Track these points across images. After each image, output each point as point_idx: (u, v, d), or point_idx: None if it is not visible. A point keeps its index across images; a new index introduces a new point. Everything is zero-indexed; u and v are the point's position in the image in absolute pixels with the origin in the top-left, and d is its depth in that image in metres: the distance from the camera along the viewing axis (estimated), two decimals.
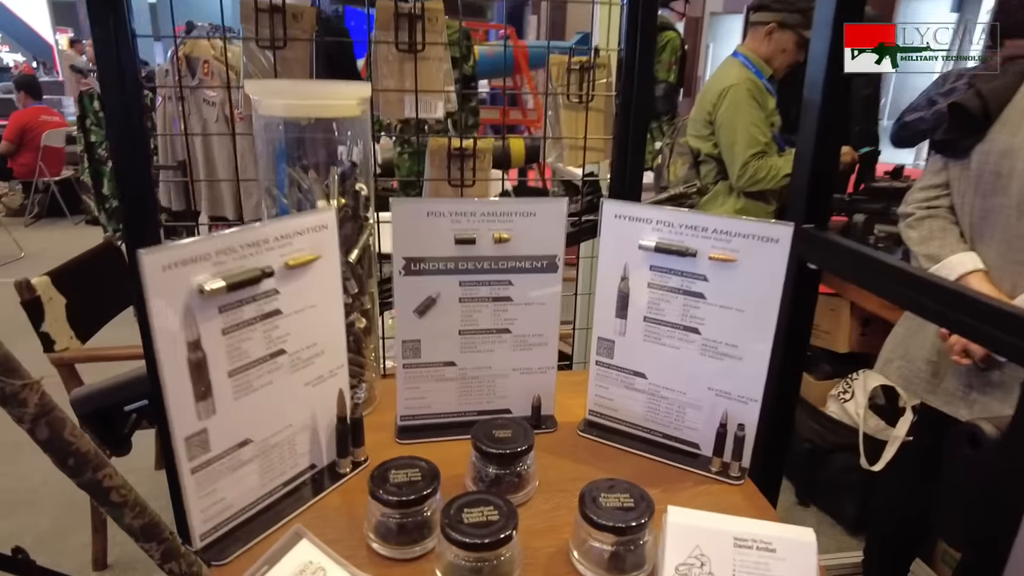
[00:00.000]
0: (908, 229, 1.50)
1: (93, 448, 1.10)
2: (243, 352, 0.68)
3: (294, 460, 0.76)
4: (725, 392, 0.80)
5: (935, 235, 1.43)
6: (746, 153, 2.22)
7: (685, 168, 2.52)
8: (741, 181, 2.26)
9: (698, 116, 2.42)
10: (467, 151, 1.20)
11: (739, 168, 2.24)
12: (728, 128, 2.26)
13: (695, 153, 2.46)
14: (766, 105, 2.29)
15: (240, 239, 0.65)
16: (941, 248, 1.41)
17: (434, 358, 0.86)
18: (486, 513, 0.62)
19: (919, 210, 1.48)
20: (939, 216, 1.45)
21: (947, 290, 0.72)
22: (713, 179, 2.42)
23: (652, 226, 0.80)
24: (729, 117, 2.26)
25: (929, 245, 1.43)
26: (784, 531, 0.61)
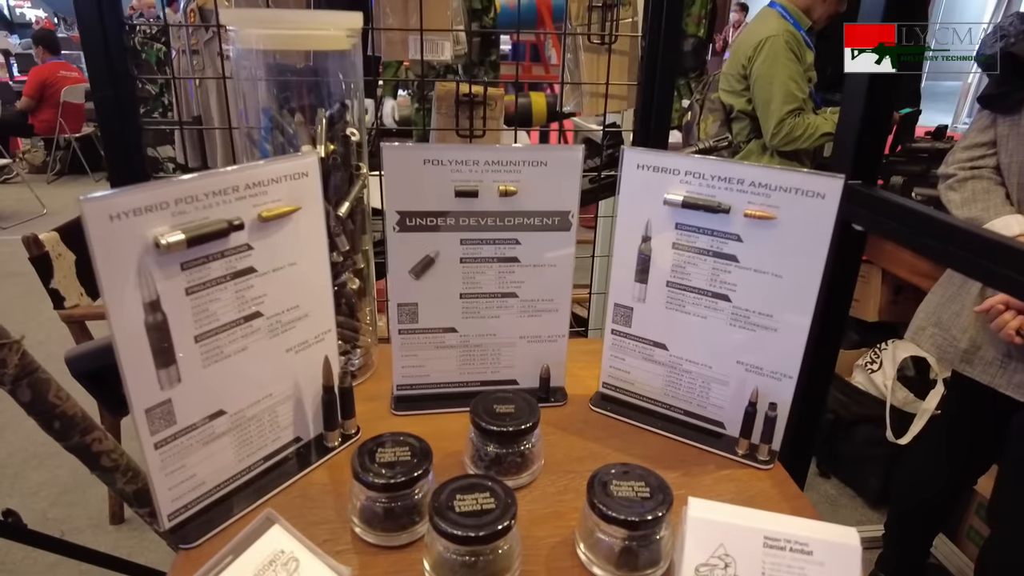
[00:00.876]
0: (948, 191, 1.38)
1: (81, 411, 1.05)
2: (211, 315, 0.60)
3: (276, 433, 0.69)
4: (756, 367, 0.72)
5: (978, 197, 1.31)
6: (782, 110, 2.08)
7: (716, 125, 2.39)
8: (776, 140, 2.13)
9: (731, 70, 2.28)
10: (477, 98, 1.10)
11: (774, 125, 2.11)
12: (764, 83, 2.13)
13: (727, 109, 2.33)
14: (804, 59, 2.14)
15: (203, 186, 0.57)
16: (984, 211, 1.29)
17: (433, 323, 0.78)
18: (481, 500, 0.55)
19: (961, 171, 1.36)
20: (983, 177, 1.32)
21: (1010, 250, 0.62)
22: (746, 137, 2.30)
23: (680, 178, 0.70)
24: (765, 71, 2.12)
25: (971, 207, 1.31)
26: (823, 531, 0.53)
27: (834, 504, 2.28)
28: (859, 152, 0.81)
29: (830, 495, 2.32)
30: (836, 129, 0.83)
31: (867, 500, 2.27)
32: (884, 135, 0.81)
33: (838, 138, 0.84)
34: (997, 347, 1.31)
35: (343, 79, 0.76)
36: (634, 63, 1.14)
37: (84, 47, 0.91)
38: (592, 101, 1.14)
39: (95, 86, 0.91)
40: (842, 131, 0.83)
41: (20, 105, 5.45)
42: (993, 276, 0.62)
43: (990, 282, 0.64)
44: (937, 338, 1.46)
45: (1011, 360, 1.30)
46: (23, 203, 5.19)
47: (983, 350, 1.35)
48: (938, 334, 1.46)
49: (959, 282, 1.40)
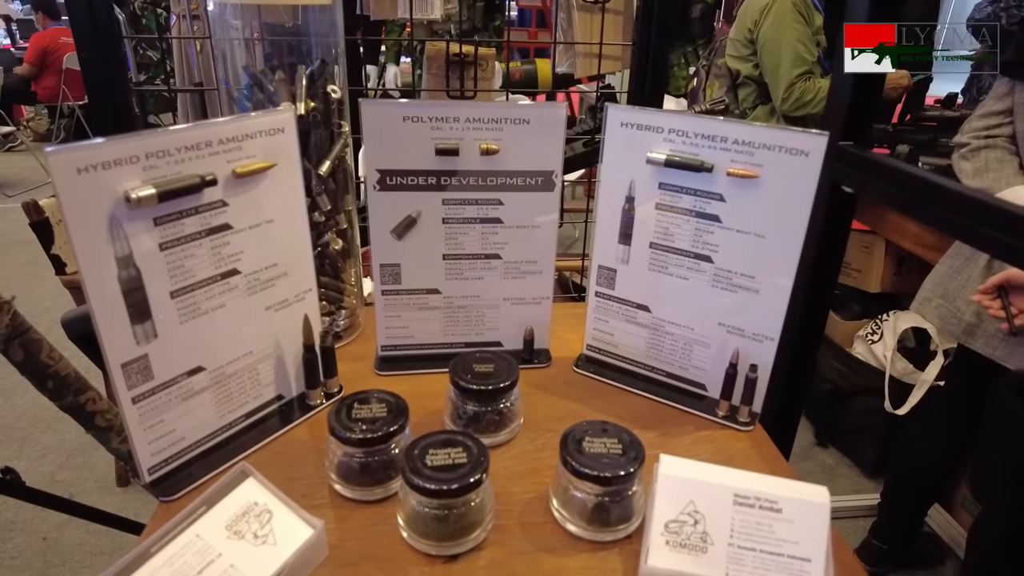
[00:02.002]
0: (961, 160, 1.35)
1: (74, 371, 1.06)
2: (187, 271, 0.60)
3: (257, 390, 0.70)
4: (738, 329, 0.71)
5: (991, 167, 1.28)
6: (792, 73, 2.03)
7: (723, 91, 2.35)
8: (786, 105, 2.08)
9: (738, 34, 2.23)
10: (468, 58, 1.08)
11: (783, 90, 2.06)
12: (772, 46, 2.08)
13: (734, 75, 2.28)
14: (812, 21, 2.09)
15: (175, 140, 0.56)
16: (996, 181, 1.26)
17: (416, 284, 0.78)
18: (453, 455, 0.55)
19: (975, 139, 1.32)
20: (997, 146, 1.29)
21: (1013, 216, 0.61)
22: (752, 103, 2.25)
23: (663, 136, 0.69)
24: (773, 34, 2.07)
25: (983, 178, 1.28)
26: (794, 489, 0.53)
27: (831, 473, 2.29)
28: (851, 113, 0.79)
29: (827, 464, 2.34)
30: (828, 90, 0.81)
31: (864, 470, 2.29)
32: (877, 95, 0.79)
33: (830, 95, 0.82)
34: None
35: (324, 36, 0.75)
36: (629, 23, 1.11)
37: (68, 5, 0.89)
38: (586, 62, 1.12)
39: (80, 46, 0.90)
40: (834, 91, 0.81)
41: (21, 72, 5.41)
42: (981, 238, 0.61)
43: (978, 244, 0.63)
44: (942, 310, 1.44)
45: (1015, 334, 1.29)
46: (28, 171, 5.21)
47: (987, 323, 1.33)
48: (943, 305, 1.44)
49: (967, 254, 1.38)
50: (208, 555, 0.50)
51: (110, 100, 0.93)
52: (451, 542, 0.55)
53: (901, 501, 1.83)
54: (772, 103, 2.21)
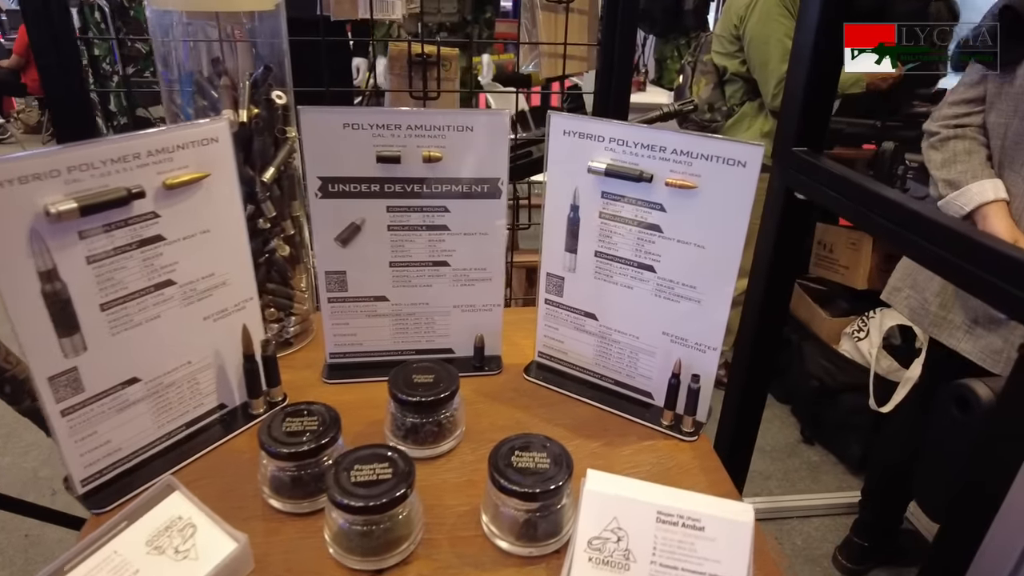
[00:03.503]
0: (931, 150, 1.33)
1: None
2: (118, 283, 0.60)
3: (198, 400, 0.70)
4: (681, 338, 0.71)
5: (959, 158, 1.27)
6: (781, 69, 2.01)
7: (709, 88, 2.32)
8: (777, 101, 2.06)
9: (723, 31, 2.21)
10: (430, 58, 1.07)
11: (774, 86, 2.04)
12: (759, 42, 2.05)
13: (720, 71, 2.26)
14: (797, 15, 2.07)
15: (100, 153, 0.56)
16: (963, 174, 1.25)
17: (363, 292, 0.77)
18: (378, 471, 0.55)
19: (945, 128, 1.31)
20: (966, 136, 1.28)
21: (952, 233, 0.60)
22: (740, 99, 2.23)
23: (604, 144, 0.68)
24: (760, 30, 2.04)
25: (951, 169, 1.27)
26: (717, 507, 0.53)
27: (816, 470, 2.29)
28: (805, 117, 0.78)
29: (812, 461, 2.33)
30: (783, 94, 0.80)
31: (849, 467, 2.28)
32: (831, 99, 0.78)
33: (784, 98, 0.81)
34: (966, 312, 1.29)
35: (268, 41, 0.74)
36: (594, 22, 1.10)
37: (23, 10, 0.89)
38: (551, 62, 1.11)
39: (37, 53, 0.89)
40: (788, 95, 0.80)
41: (9, 64, 5.37)
42: (925, 254, 0.60)
43: (918, 257, 0.62)
44: (911, 300, 1.44)
45: (976, 326, 1.29)
46: None
47: (952, 314, 1.33)
48: (912, 296, 1.43)
49: None
50: (125, 572, 0.50)
51: (71, 106, 0.92)
52: (376, 557, 0.55)
53: (881, 498, 1.83)
54: (759, 99, 2.19)
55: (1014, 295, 0.52)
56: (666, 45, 3.86)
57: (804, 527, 2.05)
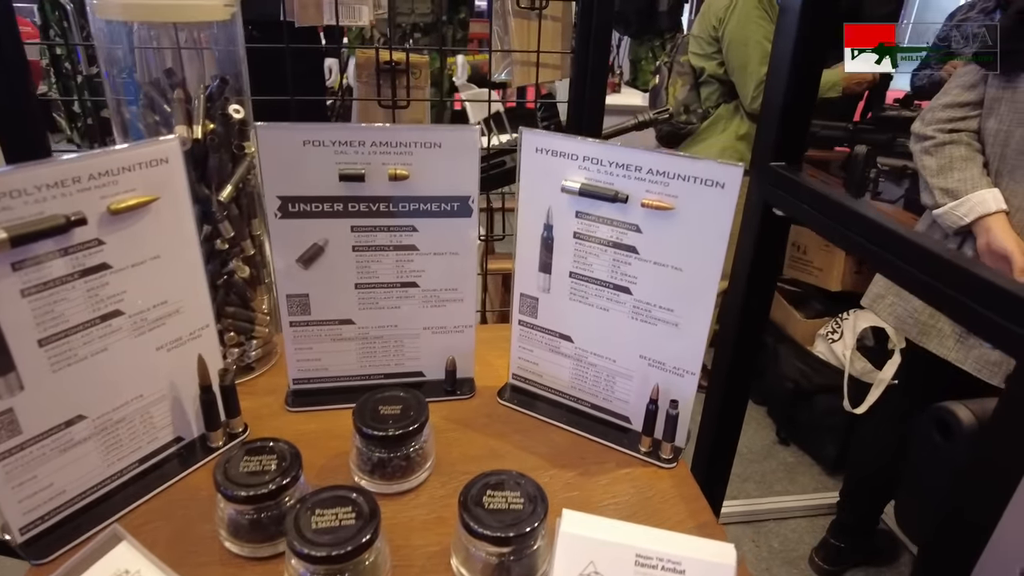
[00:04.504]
0: (925, 155, 1.30)
1: None
2: (58, 316, 0.55)
3: (151, 435, 0.66)
4: (659, 362, 0.68)
5: (955, 165, 1.24)
6: (760, 71, 2.01)
7: (685, 90, 2.32)
8: (756, 103, 2.07)
9: (701, 32, 2.20)
10: (399, 65, 1.03)
11: (753, 88, 2.04)
12: (738, 45, 2.05)
13: (697, 73, 2.25)
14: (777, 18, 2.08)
15: (33, 178, 0.52)
16: (961, 183, 1.23)
17: (327, 315, 0.74)
18: (341, 516, 0.52)
19: (940, 133, 1.28)
20: (961, 142, 1.25)
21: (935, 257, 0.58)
22: (715, 101, 2.23)
23: (579, 163, 0.65)
24: (739, 33, 2.04)
25: (948, 177, 1.25)
26: (699, 548, 0.51)
27: (792, 471, 2.30)
28: (783, 132, 0.76)
29: (788, 463, 2.34)
30: (761, 109, 0.78)
31: (824, 467, 2.30)
32: (809, 114, 0.77)
33: (762, 113, 0.79)
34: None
35: (224, 51, 0.70)
36: (567, 30, 1.07)
37: None
38: (524, 70, 1.08)
39: None
40: (766, 109, 0.78)
41: None
42: (903, 275, 0.59)
43: (899, 280, 0.61)
44: (897, 308, 1.42)
45: (969, 336, 1.27)
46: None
47: (942, 323, 1.32)
48: (898, 303, 1.42)
49: None
50: None
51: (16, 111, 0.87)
52: None
53: (859, 500, 1.84)
54: (735, 101, 2.19)
55: (992, 320, 0.51)
56: (640, 46, 3.85)
57: (781, 529, 2.06)
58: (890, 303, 1.44)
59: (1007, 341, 0.48)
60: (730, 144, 2.19)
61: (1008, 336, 0.48)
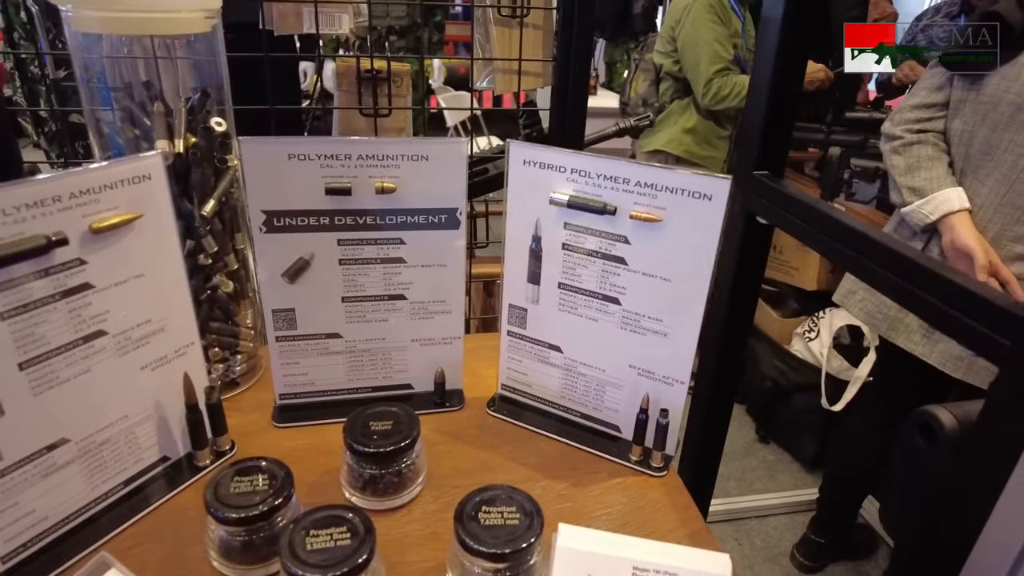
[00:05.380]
0: (894, 155, 1.35)
1: None
2: (39, 338, 0.54)
3: (136, 455, 0.64)
4: (648, 371, 0.69)
5: (922, 164, 1.28)
6: (710, 70, 2.12)
7: (646, 85, 2.40)
8: (706, 99, 2.16)
9: (664, 32, 2.32)
10: (380, 74, 1.03)
11: (703, 85, 2.15)
12: (691, 45, 2.16)
13: (657, 69, 2.34)
14: (729, 23, 2.17)
15: (12, 198, 0.50)
16: (928, 181, 1.27)
17: (313, 329, 0.73)
18: (336, 536, 0.51)
19: (908, 133, 1.32)
20: (928, 142, 1.30)
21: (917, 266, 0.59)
22: (670, 97, 2.33)
23: (566, 175, 0.65)
24: (692, 34, 2.16)
25: (915, 176, 1.29)
26: (695, 559, 0.51)
27: (772, 469, 2.34)
28: (766, 141, 0.77)
29: (768, 461, 2.38)
30: (743, 118, 0.79)
31: (803, 465, 2.34)
32: (791, 123, 0.78)
33: (745, 122, 0.80)
34: None
35: (206, 63, 0.69)
36: (549, 37, 1.08)
37: None
38: (505, 78, 1.08)
39: None
40: (749, 119, 0.79)
41: None
42: (888, 284, 0.60)
43: (884, 289, 0.62)
44: (867, 303, 1.46)
45: (934, 331, 1.31)
46: None
47: (910, 318, 1.35)
48: (868, 299, 1.45)
49: None
50: None
51: None
52: None
53: (837, 497, 1.87)
54: (688, 98, 2.29)
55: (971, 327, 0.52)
56: (615, 49, 3.89)
57: (762, 527, 2.09)
58: (860, 298, 1.48)
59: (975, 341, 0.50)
60: (676, 136, 2.28)
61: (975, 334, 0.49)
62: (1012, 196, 1.18)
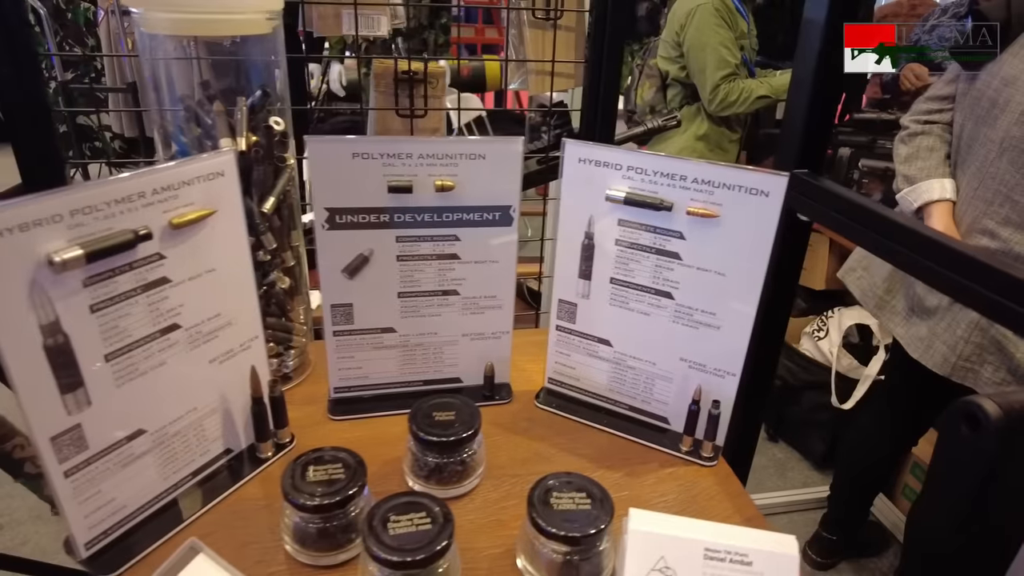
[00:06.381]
0: (899, 143, 1.39)
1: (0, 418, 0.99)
2: (122, 331, 0.56)
3: (203, 447, 0.66)
4: (699, 364, 0.71)
5: (920, 154, 1.33)
6: (716, 75, 2.13)
7: (652, 91, 2.41)
8: (712, 105, 2.17)
9: (668, 37, 2.31)
10: (417, 75, 1.04)
11: (710, 92, 2.15)
12: (696, 50, 2.16)
13: (663, 75, 2.35)
14: (736, 26, 2.17)
15: (104, 194, 0.52)
16: (920, 171, 1.31)
17: (369, 324, 0.75)
18: (416, 521, 0.53)
19: (915, 123, 1.36)
20: (932, 133, 1.33)
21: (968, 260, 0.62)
22: (679, 103, 2.34)
23: (622, 173, 0.67)
24: (697, 39, 2.15)
25: (911, 164, 1.33)
26: (763, 540, 0.53)
27: (782, 467, 2.36)
28: (806, 141, 0.79)
29: (778, 458, 2.40)
30: (784, 117, 0.81)
31: (813, 462, 2.36)
32: (831, 123, 0.80)
33: (785, 122, 0.82)
34: (906, 299, 1.35)
35: (264, 64, 0.71)
36: (581, 39, 1.10)
37: None
38: (538, 79, 1.10)
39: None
40: (789, 115, 0.82)
41: None
42: (932, 275, 0.62)
43: (929, 280, 0.64)
44: (863, 281, 1.49)
45: (912, 314, 1.34)
46: None
47: (895, 300, 1.39)
48: (864, 277, 1.49)
49: None
50: None
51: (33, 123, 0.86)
52: None
53: (850, 495, 1.89)
54: (697, 104, 2.29)
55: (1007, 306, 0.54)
56: None
57: (774, 524, 2.11)
58: (858, 276, 1.51)
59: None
60: (688, 144, 2.29)
61: None
62: (982, 190, 1.22)
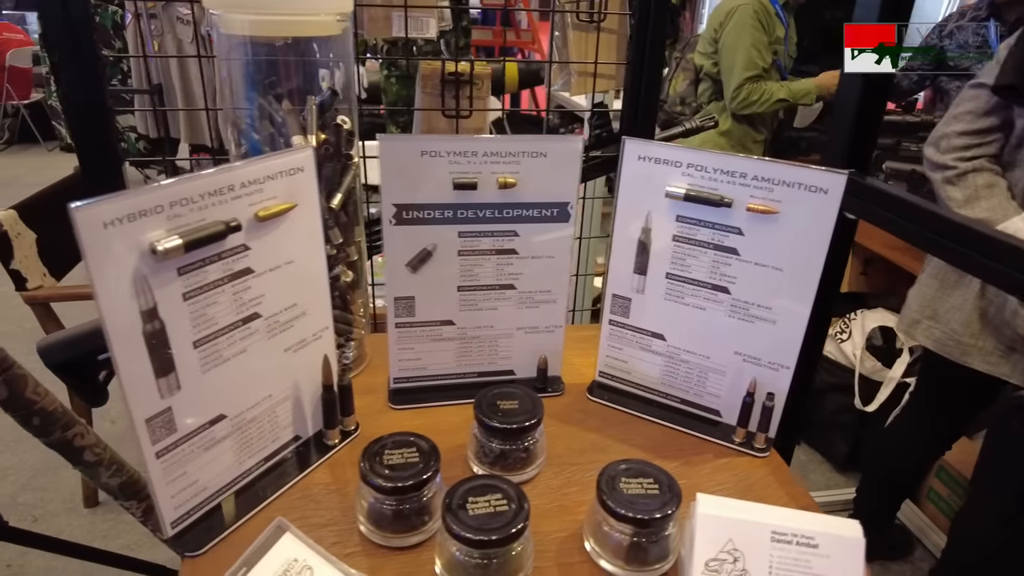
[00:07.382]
0: (948, 185, 1.28)
1: (60, 406, 1.02)
2: (209, 319, 0.58)
3: (275, 433, 0.68)
4: (754, 357, 0.73)
5: (981, 194, 1.23)
6: (742, 75, 2.17)
7: (685, 84, 2.46)
8: (734, 103, 2.21)
9: (707, 33, 2.36)
10: (463, 76, 1.07)
11: (733, 90, 2.20)
12: (729, 49, 2.21)
13: (698, 70, 2.38)
14: (772, 30, 2.20)
15: (199, 187, 0.54)
16: (991, 211, 1.21)
17: (430, 316, 0.77)
18: (493, 502, 0.55)
19: (960, 162, 1.25)
20: (983, 169, 1.24)
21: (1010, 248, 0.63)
22: (708, 98, 2.38)
23: (682, 170, 0.69)
24: (732, 38, 2.20)
25: (975, 207, 1.23)
26: (827, 524, 0.55)
27: (804, 469, 2.36)
28: (854, 142, 0.81)
29: (800, 460, 2.40)
30: (832, 119, 0.83)
31: (835, 465, 2.36)
32: (878, 124, 0.82)
33: (834, 123, 0.84)
34: (999, 338, 1.30)
35: (334, 64, 0.73)
36: (623, 41, 1.12)
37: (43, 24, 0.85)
38: (580, 80, 1.12)
39: (63, 67, 0.86)
40: (837, 117, 0.83)
41: None
42: (988, 271, 0.64)
43: (985, 276, 0.66)
44: (934, 331, 1.40)
45: (1014, 352, 1.29)
46: None
47: (983, 341, 1.32)
48: (935, 327, 1.40)
49: (955, 277, 1.36)
50: None
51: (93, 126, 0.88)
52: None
53: (877, 501, 1.89)
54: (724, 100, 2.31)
55: None
56: None
57: None
58: (926, 327, 1.43)
59: None
60: (710, 138, 2.32)
61: None
62: None
